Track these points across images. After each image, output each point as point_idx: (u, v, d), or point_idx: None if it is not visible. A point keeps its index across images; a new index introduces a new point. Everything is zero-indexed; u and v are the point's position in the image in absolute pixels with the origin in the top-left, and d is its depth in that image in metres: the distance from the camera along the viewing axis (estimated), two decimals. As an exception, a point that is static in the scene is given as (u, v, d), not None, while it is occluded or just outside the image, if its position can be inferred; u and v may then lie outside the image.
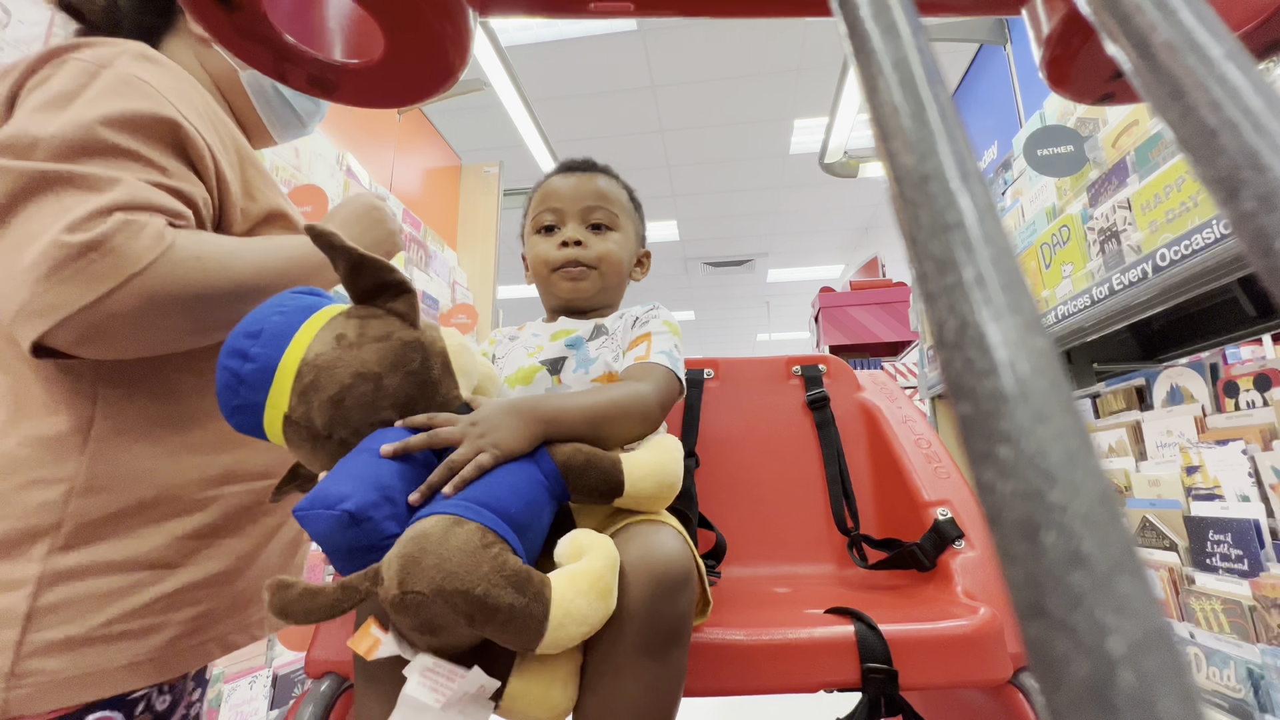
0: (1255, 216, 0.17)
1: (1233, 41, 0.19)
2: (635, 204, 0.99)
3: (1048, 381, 0.15)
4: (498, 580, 0.47)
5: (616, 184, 0.95)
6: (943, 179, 0.17)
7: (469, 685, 0.49)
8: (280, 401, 0.56)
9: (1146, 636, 0.12)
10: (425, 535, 0.49)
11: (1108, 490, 0.14)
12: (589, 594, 0.50)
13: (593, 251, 0.88)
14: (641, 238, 0.99)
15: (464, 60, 0.49)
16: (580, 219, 0.90)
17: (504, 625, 0.47)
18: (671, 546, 0.58)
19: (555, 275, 0.89)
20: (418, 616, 0.48)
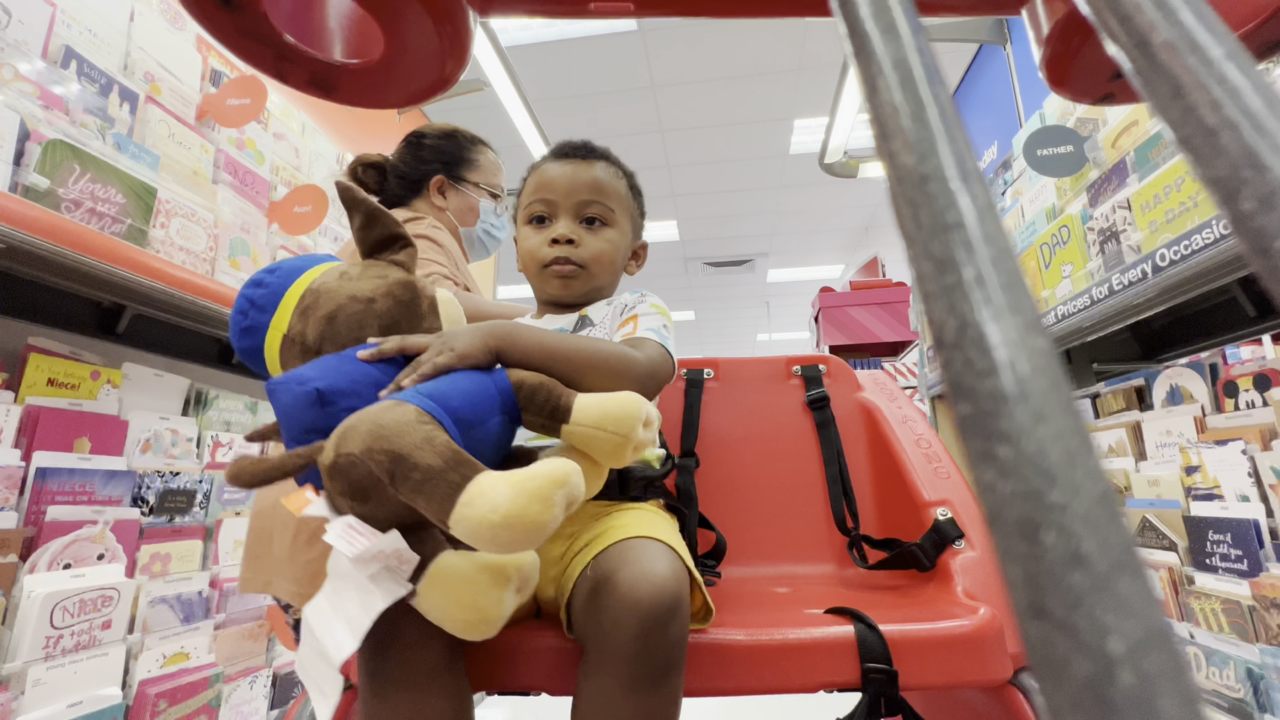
0: (1255, 216, 0.17)
1: (1233, 41, 0.19)
2: (635, 191, 0.93)
3: (1047, 381, 0.15)
4: (424, 446, 0.49)
5: (615, 172, 0.89)
6: (943, 179, 0.17)
7: (384, 545, 0.50)
8: (282, 322, 0.63)
9: (1147, 636, 0.12)
10: (366, 410, 0.52)
11: (1107, 490, 0.14)
12: (515, 487, 0.48)
13: (585, 251, 0.84)
14: (638, 229, 0.93)
15: (464, 61, 0.49)
16: (574, 213, 0.85)
17: (419, 486, 0.48)
18: (660, 570, 0.55)
19: (545, 272, 0.84)
20: (347, 479, 0.51)
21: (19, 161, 1.12)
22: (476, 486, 0.49)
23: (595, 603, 0.55)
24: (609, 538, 0.62)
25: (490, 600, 0.52)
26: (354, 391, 0.55)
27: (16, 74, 1.16)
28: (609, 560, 0.58)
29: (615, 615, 0.52)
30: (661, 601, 0.52)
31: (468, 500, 0.48)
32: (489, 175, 1.33)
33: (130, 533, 1.27)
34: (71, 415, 1.23)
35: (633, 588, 0.53)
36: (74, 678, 1.10)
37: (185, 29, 1.64)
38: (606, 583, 0.55)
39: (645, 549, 0.58)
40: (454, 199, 1.28)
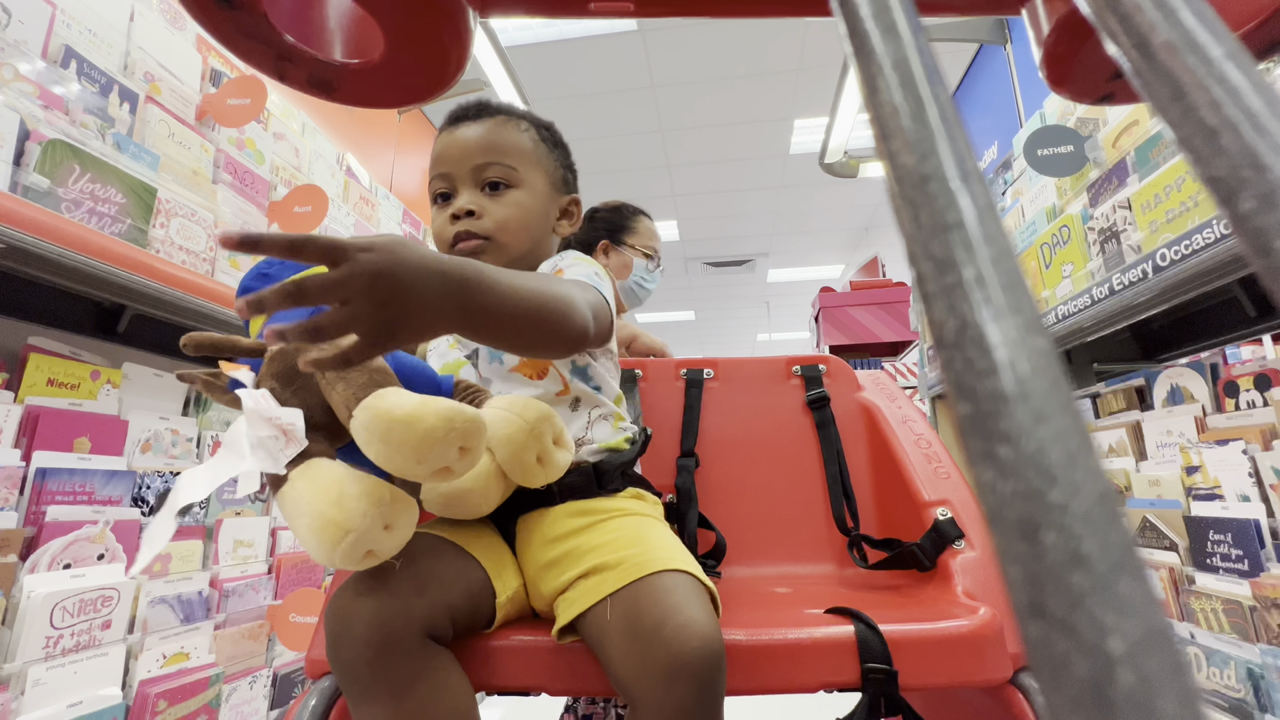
0: (1255, 216, 0.17)
1: (1233, 41, 0.19)
2: (551, 143, 0.83)
3: (1048, 381, 0.15)
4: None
5: (515, 125, 0.79)
6: (943, 179, 0.17)
7: (284, 415, 0.54)
8: None
9: (1147, 636, 0.12)
10: None
11: (1108, 490, 0.14)
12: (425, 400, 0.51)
13: (488, 220, 0.75)
14: (563, 182, 0.84)
15: (464, 61, 0.49)
16: (473, 181, 0.77)
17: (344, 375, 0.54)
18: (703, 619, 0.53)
19: (453, 253, 0.75)
20: (284, 361, 0.57)
21: (19, 161, 1.12)
22: (392, 390, 0.53)
23: (641, 658, 0.53)
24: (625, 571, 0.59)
25: (354, 505, 0.51)
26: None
27: (16, 74, 1.16)
28: (640, 606, 0.55)
29: (668, 675, 0.51)
30: (711, 660, 0.51)
31: (380, 394, 0.52)
32: (644, 239, 1.62)
33: (130, 533, 1.27)
34: (71, 415, 1.23)
35: (684, 646, 0.51)
36: (74, 678, 1.10)
37: (185, 29, 1.64)
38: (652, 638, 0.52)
39: (677, 590, 0.56)
40: (614, 258, 1.60)
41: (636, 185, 5.14)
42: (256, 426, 0.54)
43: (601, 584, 0.59)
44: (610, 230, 1.61)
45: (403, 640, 0.54)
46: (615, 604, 0.57)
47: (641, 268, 1.61)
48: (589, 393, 0.77)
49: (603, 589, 0.58)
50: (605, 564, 0.61)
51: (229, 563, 1.50)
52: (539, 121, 0.84)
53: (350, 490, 0.51)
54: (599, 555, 0.63)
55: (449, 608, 0.58)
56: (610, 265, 1.59)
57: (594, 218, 1.63)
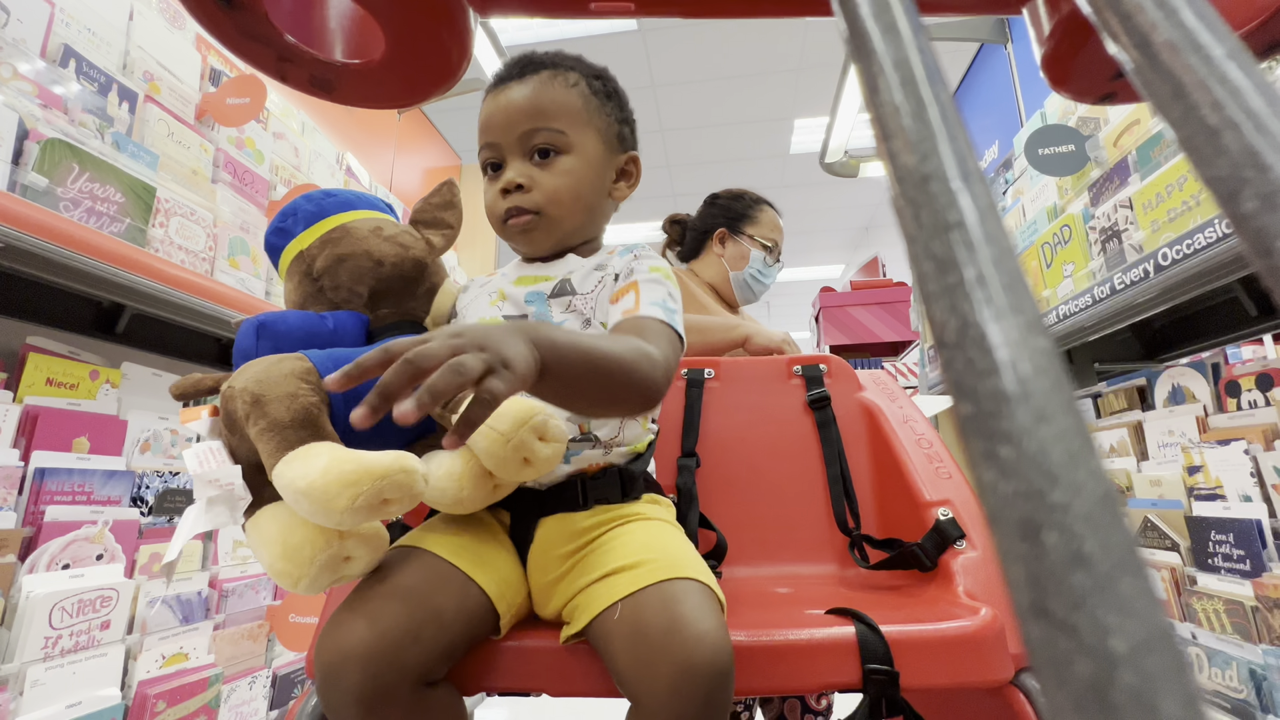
0: (1256, 216, 0.17)
1: (1234, 41, 0.19)
2: (603, 94, 0.76)
3: (1049, 381, 0.15)
4: (284, 400, 0.55)
5: (564, 81, 0.74)
6: (943, 179, 0.17)
7: (223, 473, 0.55)
8: (306, 240, 0.71)
9: (1149, 637, 0.12)
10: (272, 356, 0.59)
11: (1109, 490, 0.14)
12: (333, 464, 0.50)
13: (539, 194, 0.72)
14: (620, 138, 0.78)
15: (464, 61, 0.49)
16: (520, 150, 0.72)
17: (261, 433, 0.54)
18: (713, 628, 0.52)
19: (506, 228, 0.75)
20: (226, 408, 0.57)
21: (17, 161, 1.12)
22: (306, 451, 0.52)
23: (649, 663, 0.52)
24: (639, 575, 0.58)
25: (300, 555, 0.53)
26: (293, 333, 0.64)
27: (15, 73, 1.16)
28: (651, 613, 0.54)
29: (675, 684, 0.50)
30: (719, 672, 0.51)
31: (289, 459, 0.52)
32: (765, 230, 1.54)
33: (129, 533, 1.27)
34: (70, 415, 1.22)
35: (693, 657, 0.50)
36: (73, 678, 1.10)
37: (185, 28, 1.64)
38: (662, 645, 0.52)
39: (689, 598, 0.55)
40: (730, 248, 1.53)
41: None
42: (202, 488, 0.55)
43: (614, 587, 0.58)
44: (729, 218, 1.54)
45: (394, 690, 0.53)
46: (626, 606, 0.56)
47: (759, 260, 1.52)
48: None
49: (615, 593, 0.57)
50: (620, 568, 0.60)
51: (228, 563, 1.50)
52: (590, 71, 0.77)
53: (293, 540, 0.53)
54: (614, 560, 0.61)
55: (446, 649, 0.56)
56: (726, 255, 1.53)
57: (714, 203, 1.58)
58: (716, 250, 1.54)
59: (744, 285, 1.54)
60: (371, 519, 0.53)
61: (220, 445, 0.57)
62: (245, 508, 0.57)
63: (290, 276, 0.73)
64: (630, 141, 0.80)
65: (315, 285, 0.71)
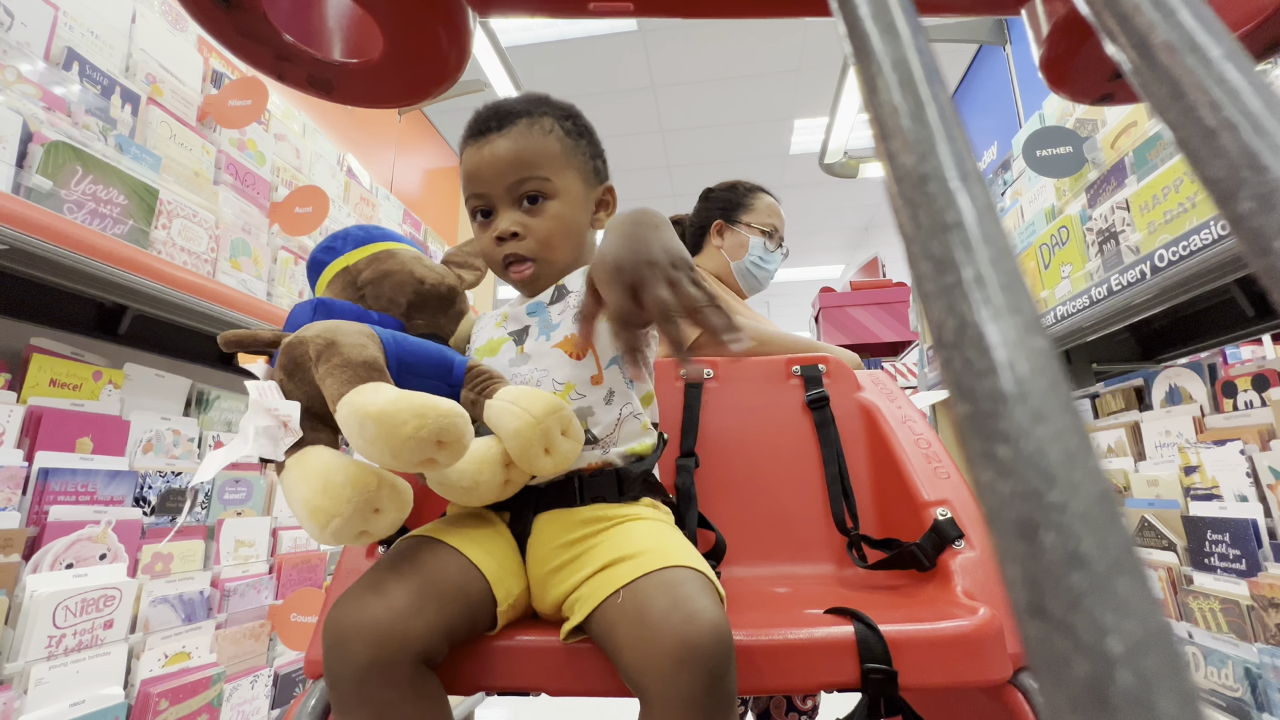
0: (1253, 217, 0.17)
1: (1232, 42, 0.19)
2: (577, 134, 0.82)
3: (1047, 381, 0.15)
4: (355, 347, 0.60)
5: (540, 128, 0.78)
6: (942, 179, 0.17)
7: (283, 406, 0.58)
8: (354, 257, 0.77)
9: (1146, 636, 0.12)
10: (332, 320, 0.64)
11: (1107, 490, 0.14)
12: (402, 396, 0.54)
13: (533, 240, 0.77)
14: (594, 174, 0.83)
15: (463, 61, 0.49)
16: (509, 199, 0.77)
17: (333, 369, 0.58)
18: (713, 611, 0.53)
19: (506, 274, 0.80)
20: (289, 355, 0.61)
21: (21, 163, 1.12)
22: (376, 385, 0.56)
23: (650, 645, 0.53)
24: (639, 564, 0.59)
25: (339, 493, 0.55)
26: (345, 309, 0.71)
27: (19, 75, 1.16)
28: (651, 596, 0.56)
29: (677, 662, 0.51)
30: (721, 650, 0.52)
31: (359, 389, 0.55)
32: (761, 217, 1.51)
33: (132, 533, 1.27)
34: (74, 416, 1.23)
35: (692, 632, 0.52)
36: (76, 677, 1.10)
37: (187, 30, 1.63)
38: (661, 625, 0.53)
39: (688, 583, 0.57)
40: (729, 238, 1.51)
41: (637, 185, 5.13)
42: (257, 416, 0.58)
43: (614, 577, 0.59)
44: (724, 209, 1.51)
45: (395, 663, 0.54)
46: (627, 594, 0.57)
47: (759, 247, 1.47)
48: (623, 386, 0.76)
49: (615, 582, 0.59)
50: (619, 558, 0.62)
51: (230, 562, 1.50)
52: (560, 112, 0.82)
53: (335, 479, 0.55)
54: (613, 553, 0.63)
55: (447, 627, 0.58)
56: (725, 246, 1.49)
57: (709, 197, 1.55)
58: (715, 243, 1.52)
59: (746, 274, 1.50)
60: (425, 455, 0.55)
61: (275, 384, 0.61)
62: (291, 445, 0.59)
63: (330, 287, 0.78)
64: (604, 173, 0.86)
65: (358, 293, 0.76)
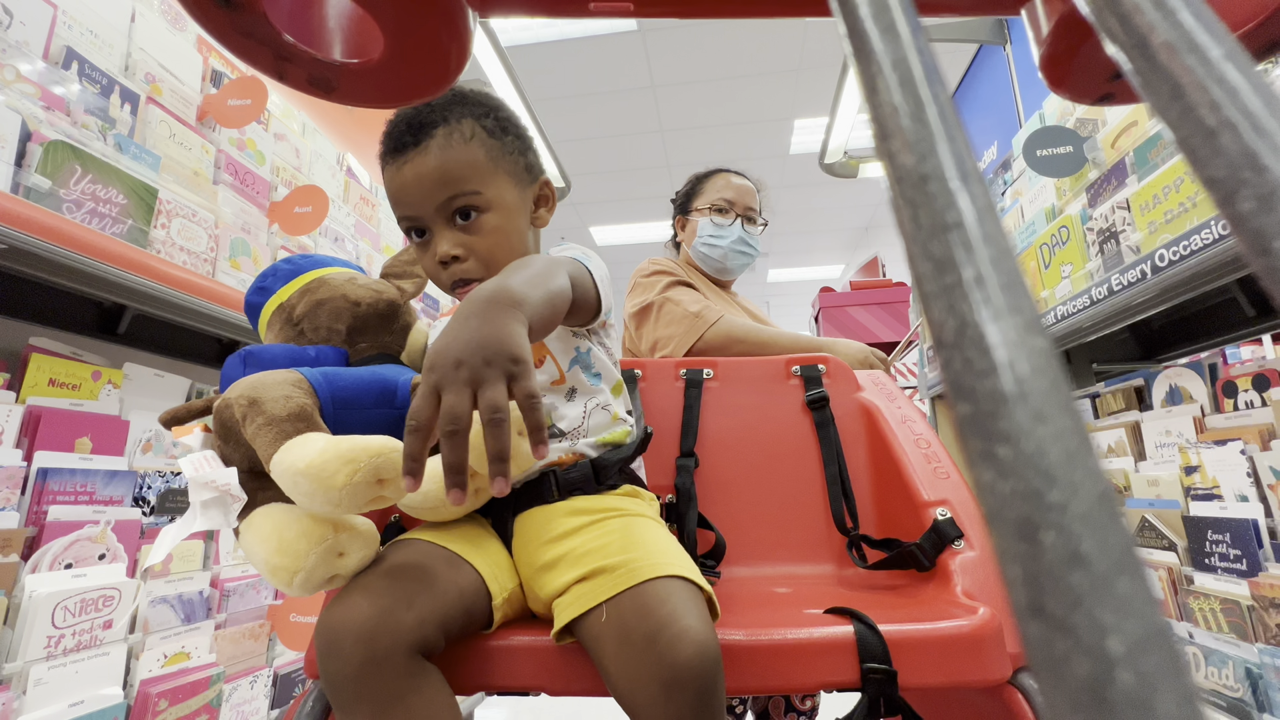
0: (1254, 217, 0.17)
1: (1232, 42, 0.19)
2: (501, 130, 0.76)
3: (1047, 382, 0.15)
4: (279, 400, 0.58)
5: (460, 138, 0.72)
6: (942, 179, 0.17)
7: (219, 476, 0.57)
8: (286, 293, 0.77)
9: (1146, 636, 0.12)
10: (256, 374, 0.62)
11: (1107, 490, 0.14)
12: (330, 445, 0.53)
13: (474, 261, 0.73)
14: (526, 171, 0.78)
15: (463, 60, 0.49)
16: (442, 218, 0.73)
17: (259, 429, 0.57)
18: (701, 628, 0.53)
19: (453, 294, 0.77)
20: (220, 419, 0.61)
21: (20, 162, 1.12)
22: (304, 438, 0.55)
23: (637, 669, 0.53)
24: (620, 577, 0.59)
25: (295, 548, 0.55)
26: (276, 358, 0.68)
27: (18, 75, 1.16)
28: (635, 615, 0.55)
29: (665, 687, 0.51)
30: (708, 668, 0.52)
31: (288, 446, 0.55)
32: (709, 197, 1.50)
33: (131, 532, 1.27)
34: (73, 415, 1.22)
35: (679, 657, 0.51)
36: (75, 677, 1.10)
37: (186, 30, 1.63)
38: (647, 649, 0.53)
39: (673, 598, 0.56)
40: (688, 228, 1.54)
41: (637, 185, 5.13)
42: (199, 490, 0.57)
43: (597, 589, 0.59)
44: (682, 204, 1.56)
45: (390, 658, 0.53)
46: (610, 610, 0.57)
47: (706, 225, 1.46)
48: (585, 383, 0.79)
49: (598, 594, 0.58)
50: (601, 568, 0.61)
51: (230, 562, 1.50)
52: (480, 110, 0.75)
53: (288, 535, 0.55)
54: (595, 559, 0.62)
55: (441, 619, 0.57)
56: (685, 238, 1.53)
57: (673, 200, 1.61)
58: (681, 239, 1.58)
59: (703, 257, 1.50)
60: (367, 498, 0.54)
61: (214, 453, 0.60)
62: (239, 510, 0.58)
63: (270, 328, 0.78)
64: (537, 167, 0.80)
65: (295, 330, 0.76)
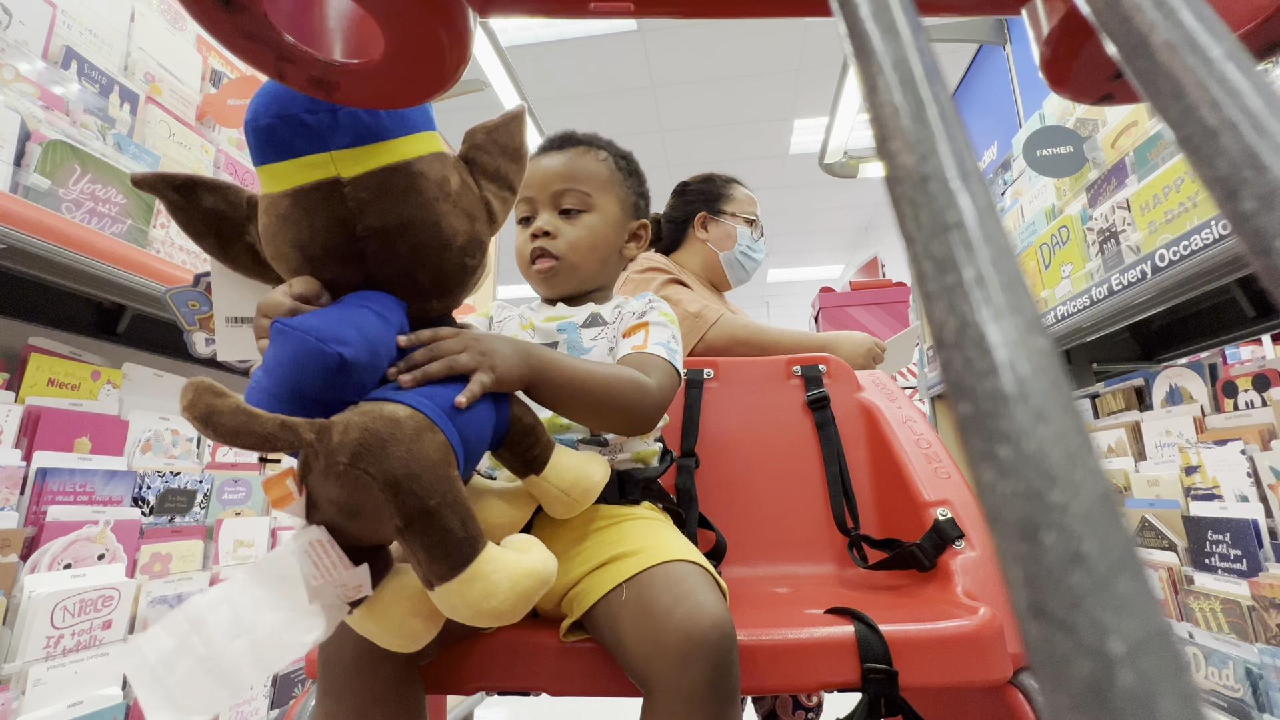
0: (1254, 217, 0.17)
1: (1233, 41, 0.19)
2: (625, 171, 0.90)
3: (1048, 381, 0.15)
4: (452, 502, 0.47)
5: (594, 156, 0.87)
6: (942, 179, 0.17)
7: (348, 579, 0.47)
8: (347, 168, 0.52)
9: (1147, 637, 0.12)
10: (398, 423, 0.47)
11: (1108, 490, 0.14)
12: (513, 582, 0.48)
13: (561, 241, 0.82)
14: (635, 207, 0.90)
15: (463, 61, 0.49)
16: (551, 205, 0.84)
17: (433, 546, 0.46)
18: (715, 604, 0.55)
19: (530, 270, 0.84)
20: (351, 494, 0.45)
21: (19, 162, 1.12)
22: (480, 566, 0.48)
23: (655, 639, 0.54)
24: (640, 559, 0.60)
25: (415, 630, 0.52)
26: (375, 364, 0.50)
27: (17, 74, 1.16)
28: (654, 590, 0.57)
29: (682, 656, 0.52)
30: (724, 641, 0.53)
31: (469, 577, 0.47)
32: (744, 206, 1.54)
33: (131, 533, 1.27)
34: (72, 415, 1.22)
35: (697, 627, 0.53)
36: (74, 678, 1.10)
37: (185, 29, 1.63)
38: (666, 620, 0.54)
39: (690, 578, 0.58)
40: (714, 230, 1.52)
41: (636, 185, 5.13)
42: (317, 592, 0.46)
43: (616, 572, 0.60)
44: (706, 201, 1.53)
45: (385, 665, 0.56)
46: (630, 588, 0.58)
47: (746, 236, 1.50)
48: None
49: (617, 577, 0.59)
50: (621, 554, 0.62)
51: (229, 563, 1.49)
52: (618, 152, 0.90)
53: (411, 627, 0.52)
54: (613, 549, 0.64)
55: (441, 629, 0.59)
56: (711, 239, 1.51)
57: (685, 191, 1.56)
58: (700, 235, 1.53)
59: (735, 264, 1.52)
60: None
61: (326, 536, 0.46)
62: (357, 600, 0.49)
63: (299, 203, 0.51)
64: (644, 211, 0.92)
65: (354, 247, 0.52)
